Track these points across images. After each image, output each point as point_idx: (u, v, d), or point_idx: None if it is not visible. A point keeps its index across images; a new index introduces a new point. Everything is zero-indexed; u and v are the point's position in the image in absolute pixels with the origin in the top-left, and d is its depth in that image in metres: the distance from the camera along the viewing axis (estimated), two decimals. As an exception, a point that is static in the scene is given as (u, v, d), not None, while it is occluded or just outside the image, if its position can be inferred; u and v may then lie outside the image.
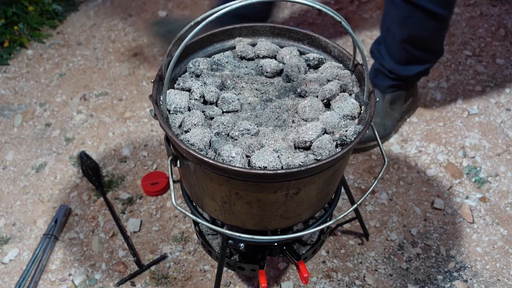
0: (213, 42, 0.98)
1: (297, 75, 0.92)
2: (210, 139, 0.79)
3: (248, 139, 0.79)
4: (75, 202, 1.37)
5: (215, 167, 0.74)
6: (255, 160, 0.75)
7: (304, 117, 0.85)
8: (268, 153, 0.76)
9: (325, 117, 0.83)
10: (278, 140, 0.82)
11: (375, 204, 1.34)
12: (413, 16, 1.25)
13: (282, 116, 0.86)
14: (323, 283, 1.18)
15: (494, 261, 1.22)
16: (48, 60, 1.85)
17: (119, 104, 1.66)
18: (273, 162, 0.75)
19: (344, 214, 0.85)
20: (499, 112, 1.57)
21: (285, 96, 0.91)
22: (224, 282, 1.18)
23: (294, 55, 0.96)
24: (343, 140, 0.79)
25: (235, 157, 0.75)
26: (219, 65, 0.96)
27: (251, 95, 0.90)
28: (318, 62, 0.95)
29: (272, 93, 0.91)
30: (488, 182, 1.38)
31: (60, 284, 1.20)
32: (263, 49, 0.96)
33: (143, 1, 2.12)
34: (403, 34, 1.30)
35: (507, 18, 1.93)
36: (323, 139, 0.79)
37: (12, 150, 1.52)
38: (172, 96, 0.86)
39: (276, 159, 0.76)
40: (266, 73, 0.94)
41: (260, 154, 0.76)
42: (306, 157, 0.77)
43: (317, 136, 0.80)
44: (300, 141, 0.80)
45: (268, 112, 0.87)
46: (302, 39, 0.99)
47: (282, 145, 0.81)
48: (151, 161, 1.47)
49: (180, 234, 1.28)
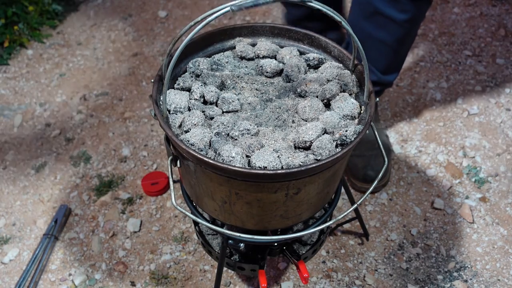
0: (213, 42, 0.98)
1: (297, 75, 0.92)
2: (210, 139, 0.79)
3: (248, 139, 0.79)
4: (75, 202, 1.37)
5: (215, 167, 0.74)
6: (255, 160, 0.75)
7: (304, 117, 0.85)
8: (268, 153, 0.76)
9: (325, 117, 0.83)
10: (278, 140, 0.82)
11: (375, 204, 1.34)
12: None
13: (282, 116, 0.86)
14: (323, 283, 1.18)
15: (494, 261, 1.22)
16: (48, 60, 1.85)
17: (119, 104, 1.66)
18: (273, 162, 0.75)
19: (344, 214, 0.85)
20: (499, 112, 1.57)
21: (285, 96, 0.90)
22: (224, 282, 1.18)
23: (294, 55, 0.96)
24: (343, 140, 0.79)
25: (235, 157, 0.75)
26: (219, 65, 0.96)
27: (251, 95, 0.90)
28: (318, 62, 0.95)
29: (272, 93, 0.91)
30: (488, 182, 1.38)
31: (60, 284, 1.20)
32: (263, 49, 0.96)
33: (143, 1, 2.12)
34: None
35: (507, 18, 1.93)
36: (323, 139, 0.79)
37: (12, 150, 1.52)
38: (172, 96, 0.85)
39: (276, 159, 0.76)
40: (266, 73, 0.94)
41: (260, 154, 0.76)
42: (306, 157, 0.77)
43: (317, 136, 0.80)
44: (300, 141, 0.80)
45: (268, 112, 0.87)
46: (302, 39, 0.99)
47: (282, 145, 0.81)
48: (151, 161, 1.47)
49: (180, 234, 1.28)
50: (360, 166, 1.34)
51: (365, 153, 1.35)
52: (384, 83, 1.34)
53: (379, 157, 1.35)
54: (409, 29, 1.21)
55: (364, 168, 1.33)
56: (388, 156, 1.39)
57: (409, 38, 1.25)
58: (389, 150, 1.42)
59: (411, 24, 1.20)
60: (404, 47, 1.27)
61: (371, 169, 1.33)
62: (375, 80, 1.31)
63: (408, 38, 1.25)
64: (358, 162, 1.34)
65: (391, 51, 1.25)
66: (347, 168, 1.37)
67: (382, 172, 0.89)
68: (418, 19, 1.21)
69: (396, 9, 1.15)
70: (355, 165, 1.35)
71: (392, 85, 1.39)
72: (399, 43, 1.24)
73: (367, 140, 1.36)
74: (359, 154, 1.35)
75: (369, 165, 1.33)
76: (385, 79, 1.32)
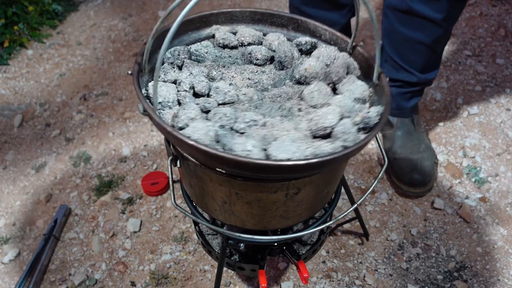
0: (188, 30, 0.89)
1: (290, 61, 0.85)
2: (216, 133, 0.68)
3: (260, 131, 0.70)
4: (75, 202, 1.37)
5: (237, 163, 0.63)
6: (274, 152, 0.65)
7: (313, 104, 0.77)
8: (287, 143, 0.67)
9: (338, 101, 0.76)
10: (290, 130, 0.72)
11: (375, 204, 1.34)
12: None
13: (285, 105, 0.78)
14: (323, 283, 1.18)
15: (494, 261, 1.21)
16: (48, 60, 1.85)
17: (119, 104, 1.66)
18: (297, 152, 0.65)
19: (344, 214, 0.85)
20: (499, 112, 1.57)
21: (281, 84, 0.84)
22: (224, 282, 1.18)
23: (282, 40, 0.88)
24: (366, 123, 0.72)
25: (252, 150, 0.65)
26: (198, 56, 0.86)
27: (244, 85, 0.82)
28: (311, 47, 0.88)
29: (266, 82, 0.83)
30: (488, 182, 1.38)
31: (60, 284, 1.20)
32: (247, 35, 0.88)
33: (143, 1, 2.12)
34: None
35: (507, 18, 1.93)
36: (345, 123, 0.71)
37: (12, 150, 1.52)
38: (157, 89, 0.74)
39: (299, 149, 0.67)
40: (256, 61, 0.86)
41: (278, 145, 0.67)
42: (333, 144, 0.69)
43: (338, 121, 0.72)
44: (319, 128, 0.71)
45: (268, 102, 0.79)
46: (286, 24, 0.91)
47: (296, 135, 0.71)
48: (151, 161, 1.47)
49: (180, 234, 1.28)
50: (407, 170, 1.33)
51: (410, 156, 1.35)
52: (424, 82, 1.34)
53: (425, 160, 1.35)
54: (446, 28, 1.22)
55: (411, 172, 1.32)
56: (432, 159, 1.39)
57: (445, 37, 1.26)
58: (432, 152, 1.41)
59: (448, 23, 1.20)
60: (441, 46, 1.28)
61: (418, 173, 1.32)
62: (415, 80, 1.32)
63: (445, 37, 1.26)
64: (404, 165, 1.34)
65: (429, 51, 1.26)
66: (392, 171, 1.37)
67: (382, 172, 0.88)
68: (454, 18, 1.22)
69: (432, 9, 1.16)
70: (401, 169, 1.34)
71: (432, 83, 1.38)
72: (436, 42, 1.24)
73: (412, 143, 1.37)
74: (404, 157, 1.35)
75: (416, 169, 1.33)
76: (424, 78, 1.32)
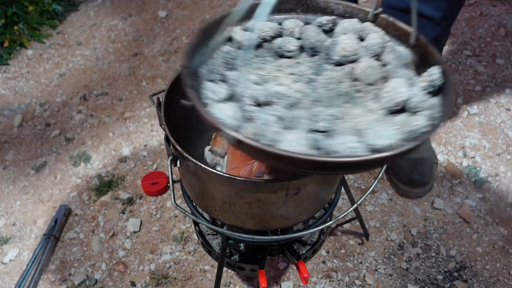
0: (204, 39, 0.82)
1: (321, 45, 0.80)
2: (313, 141, 0.63)
3: (342, 124, 0.66)
4: (75, 202, 1.37)
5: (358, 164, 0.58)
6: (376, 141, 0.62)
7: (369, 81, 0.73)
8: (380, 128, 0.64)
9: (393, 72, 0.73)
10: (364, 115, 0.68)
11: (375, 204, 1.34)
12: None
13: (340, 90, 0.73)
14: (323, 283, 1.18)
15: (494, 261, 1.21)
16: (48, 60, 1.85)
17: (119, 104, 1.66)
18: (395, 135, 0.63)
19: (344, 214, 0.85)
20: (499, 112, 1.57)
21: (322, 70, 0.78)
22: (224, 282, 1.18)
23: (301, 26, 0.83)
24: (433, 86, 0.69)
25: (357, 146, 0.62)
26: (228, 65, 0.81)
27: (291, 82, 0.76)
28: (332, 24, 0.83)
29: (308, 73, 0.78)
30: (488, 182, 1.38)
31: (60, 284, 1.20)
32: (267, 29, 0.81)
33: (143, 1, 2.12)
34: None
35: (507, 18, 1.93)
36: (416, 92, 0.68)
37: (12, 150, 1.52)
38: (215, 110, 0.65)
39: (395, 131, 0.64)
40: (289, 53, 0.80)
41: (374, 133, 0.63)
42: (418, 116, 0.65)
43: (409, 92, 0.68)
44: (394, 104, 0.67)
45: (324, 92, 0.73)
46: (294, 8, 0.86)
47: (373, 118, 0.67)
48: (151, 161, 1.47)
49: (180, 234, 1.28)
50: (407, 170, 1.33)
51: (410, 156, 1.34)
52: None
53: (425, 160, 1.35)
54: (445, 27, 1.22)
55: (411, 172, 1.32)
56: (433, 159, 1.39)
57: (444, 37, 1.26)
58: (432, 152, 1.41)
59: (447, 21, 1.21)
60: (440, 45, 1.28)
61: (418, 173, 1.32)
62: None
63: (444, 36, 1.26)
64: (404, 165, 1.34)
65: None
66: (392, 171, 1.36)
67: (382, 172, 0.89)
68: (453, 16, 1.22)
69: (431, 8, 1.16)
70: (401, 169, 1.34)
71: None
72: (436, 42, 1.23)
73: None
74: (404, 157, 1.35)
75: (416, 169, 1.32)
76: None
